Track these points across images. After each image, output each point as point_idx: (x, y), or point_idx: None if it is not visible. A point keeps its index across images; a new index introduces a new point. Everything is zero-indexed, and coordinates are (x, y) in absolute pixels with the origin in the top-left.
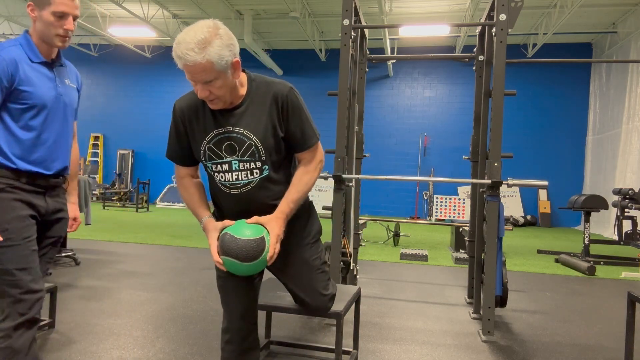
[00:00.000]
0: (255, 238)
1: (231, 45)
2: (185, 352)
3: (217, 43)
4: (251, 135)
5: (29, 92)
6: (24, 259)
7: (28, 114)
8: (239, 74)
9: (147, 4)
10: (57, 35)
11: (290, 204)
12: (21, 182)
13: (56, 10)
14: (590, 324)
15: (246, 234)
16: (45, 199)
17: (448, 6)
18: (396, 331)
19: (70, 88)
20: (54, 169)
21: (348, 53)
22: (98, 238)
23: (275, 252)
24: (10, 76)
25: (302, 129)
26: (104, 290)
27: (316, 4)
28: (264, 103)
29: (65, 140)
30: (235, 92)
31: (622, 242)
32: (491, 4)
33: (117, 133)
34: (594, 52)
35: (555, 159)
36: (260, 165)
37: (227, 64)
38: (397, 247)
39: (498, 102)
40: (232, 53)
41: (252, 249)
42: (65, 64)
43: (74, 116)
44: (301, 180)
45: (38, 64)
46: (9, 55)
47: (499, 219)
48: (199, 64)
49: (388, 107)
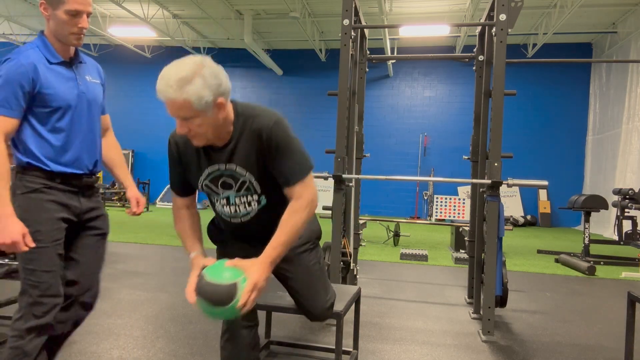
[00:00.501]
0: (225, 284)
1: (215, 85)
2: (185, 352)
3: (198, 82)
4: (244, 172)
5: (51, 94)
6: (50, 262)
7: (54, 117)
8: (224, 113)
9: (147, 4)
10: (72, 34)
11: (277, 248)
12: (56, 183)
13: (70, 8)
14: (590, 324)
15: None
16: (80, 198)
17: (448, 6)
18: (396, 331)
19: (93, 84)
20: (86, 168)
21: (348, 53)
22: None
23: (249, 301)
24: (32, 81)
25: (287, 165)
26: (104, 290)
27: (316, 4)
28: (252, 139)
29: (94, 137)
30: (222, 129)
31: (622, 242)
32: (491, 4)
33: (117, 133)
34: (594, 52)
35: (555, 159)
36: (257, 198)
37: (207, 104)
38: (397, 247)
39: (498, 102)
40: (216, 93)
41: (221, 294)
42: (85, 60)
43: (101, 110)
44: (288, 222)
45: (56, 65)
46: (28, 59)
47: (499, 219)
48: (176, 101)
49: (388, 107)
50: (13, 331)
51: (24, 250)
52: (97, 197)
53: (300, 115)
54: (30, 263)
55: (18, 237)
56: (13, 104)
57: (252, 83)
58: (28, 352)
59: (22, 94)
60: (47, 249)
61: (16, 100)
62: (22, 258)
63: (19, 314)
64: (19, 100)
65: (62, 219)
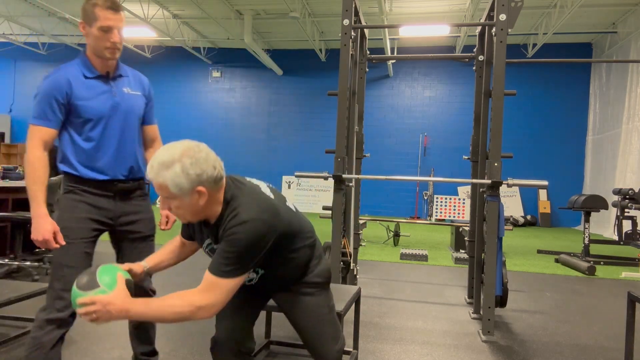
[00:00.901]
0: (91, 279)
1: (193, 175)
2: (185, 352)
3: (176, 169)
4: None
5: (84, 106)
6: (74, 258)
7: (87, 126)
8: (204, 202)
9: (147, 4)
10: (106, 48)
11: (142, 307)
12: (88, 187)
13: (102, 25)
14: (590, 324)
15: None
16: (116, 202)
17: (448, 6)
18: (396, 331)
19: (131, 95)
20: (120, 174)
21: (348, 53)
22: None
23: (84, 310)
24: (66, 94)
25: (218, 256)
26: None
27: (316, 4)
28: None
29: (130, 145)
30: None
31: (622, 242)
32: (491, 4)
33: None
34: (594, 52)
35: (555, 159)
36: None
37: (182, 190)
38: (397, 247)
39: (498, 102)
40: (194, 182)
41: (80, 281)
42: (128, 74)
43: (143, 120)
44: (166, 302)
45: (93, 79)
46: (63, 75)
47: (499, 219)
48: (154, 180)
49: (388, 107)
50: (35, 321)
51: (55, 247)
52: (137, 201)
53: (300, 115)
54: (58, 257)
55: (49, 235)
56: (50, 116)
57: (252, 83)
58: (44, 344)
59: (57, 106)
60: (73, 244)
61: (52, 112)
62: (53, 253)
63: (43, 306)
64: (55, 112)
65: (91, 220)
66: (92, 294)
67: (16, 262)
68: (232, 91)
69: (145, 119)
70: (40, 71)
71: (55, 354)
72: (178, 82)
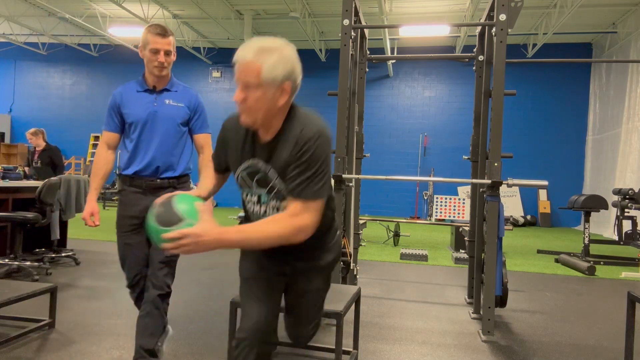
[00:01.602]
0: (174, 212)
1: (288, 68)
2: (185, 352)
3: (276, 56)
4: (276, 175)
5: (127, 113)
6: (121, 247)
7: (130, 130)
8: (283, 102)
9: (147, 4)
10: (155, 66)
11: (238, 234)
12: (126, 185)
13: (152, 47)
14: (590, 324)
15: (178, 204)
16: (147, 197)
17: (448, 6)
18: (396, 331)
19: (171, 106)
20: (149, 171)
21: (348, 53)
22: (98, 238)
23: (174, 245)
24: (118, 105)
25: (302, 176)
26: (104, 290)
27: (316, 4)
28: (290, 144)
29: (165, 147)
30: (272, 119)
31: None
32: (491, 4)
33: None
34: (594, 52)
35: (555, 159)
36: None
37: (274, 80)
38: (397, 247)
39: (498, 102)
40: (285, 75)
41: (163, 216)
42: (177, 89)
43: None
44: (263, 227)
45: (142, 92)
46: (120, 91)
47: (499, 219)
48: (249, 62)
49: (388, 107)
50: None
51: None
52: None
53: None
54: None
55: (86, 215)
56: (109, 122)
57: None
58: (134, 302)
59: (114, 114)
60: (119, 237)
61: (112, 120)
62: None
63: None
64: (114, 119)
65: (127, 217)
66: (178, 228)
67: (16, 262)
68: (232, 91)
69: (192, 128)
70: (40, 71)
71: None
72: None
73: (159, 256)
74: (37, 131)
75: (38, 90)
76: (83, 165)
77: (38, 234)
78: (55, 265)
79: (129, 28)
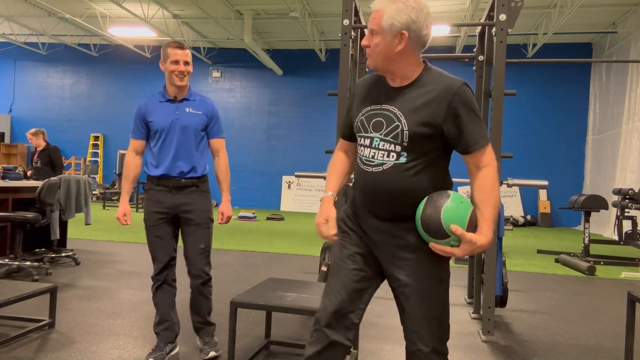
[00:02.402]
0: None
1: (407, 18)
2: (185, 352)
3: (399, 7)
4: (402, 116)
5: (152, 121)
6: (151, 239)
7: (155, 136)
8: (400, 49)
9: (147, 4)
10: (175, 76)
11: (489, 222)
12: (153, 185)
13: (172, 59)
14: (590, 324)
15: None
16: (173, 195)
17: (448, 6)
18: (396, 331)
19: (191, 114)
20: (176, 173)
21: (348, 53)
22: (98, 238)
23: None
24: (143, 114)
25: (472, 128)
26: (104, 290)
27: (316, 4)
28: (431, 92)
29: (186, 151)
30: (395, 64)
31: (622, 242)
32: (491, 4)
33: (117, 133)
34: (594, 52)
35: (555, 159)
36: (399, 150)
37: (391, 26)
38: None
39: (498, 102)
40: (404, 24)
41: (432, 230)
42: (195, 98)
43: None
44: (488, 201)
45: (164, 102)
46: (145, 102)
47: (499, 219)
48: (375, 10)
49: None
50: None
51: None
52: (191, 195)
53: (300, 115)
54: (146, 238)
55: (120, 215)
56: (136, 130)
57: (252, 83)
58: (152, 292)
59: (140, 123)
60: (148, 230)
61: (137, 128)
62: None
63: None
64: (140, 128)
65: (155, 212)
66: (439, 243)
67: (16, 262)
68: (232, 91)
69: (209, 133)
70: (40, 71)
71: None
72: None
73: (195, 247)
74: (37, 131)
75: (38, 90)
76: (83, 165)
77: (38, 234)
78: (55, 265)
79: (129, 28)
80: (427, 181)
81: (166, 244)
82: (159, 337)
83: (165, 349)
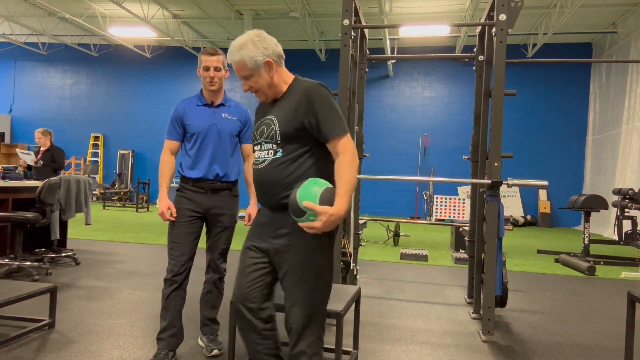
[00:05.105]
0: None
1: (262, 49)
2: (185, 352)
3: (250, 46)
4: (275, 121)
5: (190, 124)
6: (176, 236)
7: (192, 139)
8: (274, 72)
9: (147, 4)
10: (207, 82)
11: (343, 196)
12: (189, 185)
13: (204, 65)
14: (590, 324)
15: (300, 197)
16: (207, 197)
17: (448, 6)
18: (396, 331)
19: (227, 119)
20: (212, 175)
21: (348, 53)
22: (98, 238)
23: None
24: (180, 117)
25: (327, 120)
26: (104, 290)
27: (316, 4)
28: (295, 97)
29: (221, 155)
30: (276, 88)
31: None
32: (491, 4)
33: (117, 133)
34: (594, 52)
35: (555, 159)
36: (275, 148)
37: (257, 64)
38: (397, 247)
39: (498, 102)
40: (264, 54)
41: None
42: (231, 104)
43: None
44: (342, 178)
45: (201, 106)
46: (182, 105)
47: (499, 219)
48: (236, 62)
49: (388, 107)
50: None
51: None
52: (224, 198)
53: None
54: (168, 236)
55: (164, 209)
56: (172, 132)
57: None
58: (163, 295)
59: (176, 125)
60: (176, 225)
61: (174, 129)
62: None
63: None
64: (177, 129)
65: (188, 209)
66: (301, 221)
67: (16, 262)
68: (232, 91)
69: (241, 138)
70: (40, 71)
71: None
72: (178, 82)
73: (219, 247)
74: (46, 131)
75: (38, 90)
76: (83, 165)
77: (38, 234)
78: (55, 265)
79: (129, 28)
80: (301, 171)
81: (189, 243)
82: (161, 343)
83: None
